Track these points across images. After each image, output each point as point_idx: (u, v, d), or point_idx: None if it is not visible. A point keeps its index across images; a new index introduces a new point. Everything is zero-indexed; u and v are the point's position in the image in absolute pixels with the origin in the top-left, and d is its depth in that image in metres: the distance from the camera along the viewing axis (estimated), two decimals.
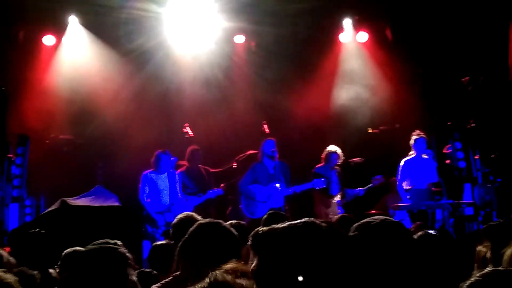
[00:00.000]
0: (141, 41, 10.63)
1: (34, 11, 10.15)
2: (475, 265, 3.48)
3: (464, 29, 9.91)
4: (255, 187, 8.95)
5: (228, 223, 3.54)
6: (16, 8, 10.02)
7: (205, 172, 9.52)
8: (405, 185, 8.94)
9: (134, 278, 2.85)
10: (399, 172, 9.06)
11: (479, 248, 3.48)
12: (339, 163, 9.41)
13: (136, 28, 10.53)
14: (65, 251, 3.90)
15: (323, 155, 9.41)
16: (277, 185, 8.84)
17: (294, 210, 9.13)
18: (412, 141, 8.98)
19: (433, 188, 8.83)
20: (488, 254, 3.34)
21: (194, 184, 9.26)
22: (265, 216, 4.68)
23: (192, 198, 8.99)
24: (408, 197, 8.82)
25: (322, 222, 1.78)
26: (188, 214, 3.71)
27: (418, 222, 5.54)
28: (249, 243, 1.81)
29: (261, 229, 1.82)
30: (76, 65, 10.81)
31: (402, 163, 9.06)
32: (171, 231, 3.66)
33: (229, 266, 2.05)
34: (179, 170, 9.37)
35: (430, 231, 3.77)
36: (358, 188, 9.43)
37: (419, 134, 8.94)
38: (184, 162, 9.49)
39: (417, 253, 2.26)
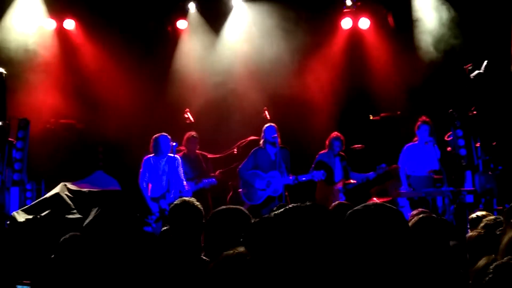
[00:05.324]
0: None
1: None
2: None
3: (467, 17, 9.86)
4: (255, 174, 8.90)
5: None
6: None
7: (202, 158, 9.46)
8: (406, 171, 8.93)
9: None
10: (400, 157, 9.03)
11: (470, 234, 3.50)
12: (342, 150, 9.39)
13: None
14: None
15: (327, 142, 9.38)
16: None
17: (295, 198, 9.12)
18: (416, 127, 8.93)
19: (434, 176, 8.79)
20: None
21: (191, 170, 9.21)
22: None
23: (189, 184, 8.91)
24: (408, 183, 8.81)
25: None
26: (186, 199, 3.72)
27: (420, 209, 5.54)
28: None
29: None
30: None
31: (404, 148, 9.04)
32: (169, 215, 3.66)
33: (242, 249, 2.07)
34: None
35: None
36: (369, 173, 9.30)
37: (424, 121, 8.87)
38: (183, 148, 9.47)
39: (412, 241, 2.24)
